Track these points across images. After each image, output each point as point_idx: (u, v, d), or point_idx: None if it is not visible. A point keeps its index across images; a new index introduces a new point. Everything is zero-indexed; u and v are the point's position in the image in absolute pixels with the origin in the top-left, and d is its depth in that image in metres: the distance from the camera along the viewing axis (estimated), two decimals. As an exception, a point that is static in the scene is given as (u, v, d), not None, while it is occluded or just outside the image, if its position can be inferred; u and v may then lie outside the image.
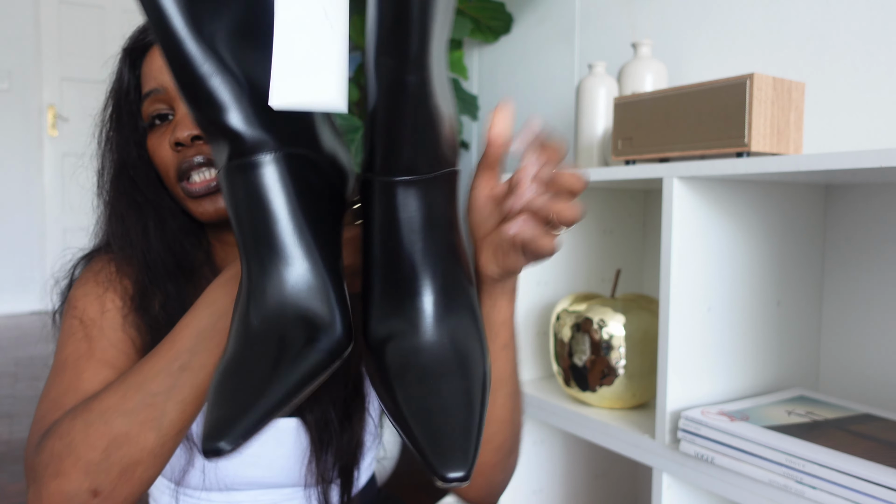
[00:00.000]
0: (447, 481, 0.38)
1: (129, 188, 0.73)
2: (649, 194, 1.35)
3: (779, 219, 1.00)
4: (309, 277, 0.43)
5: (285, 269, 0.43)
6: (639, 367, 1.03)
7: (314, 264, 0.43)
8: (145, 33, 0.72)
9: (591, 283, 1.30)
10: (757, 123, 0.85)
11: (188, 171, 0.68)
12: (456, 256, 0.47)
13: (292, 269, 0.43)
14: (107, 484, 0.54)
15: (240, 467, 0.74)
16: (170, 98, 0.69)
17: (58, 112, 4.35)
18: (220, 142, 0.43)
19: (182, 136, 0.66)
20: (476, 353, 0.45)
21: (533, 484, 1.28)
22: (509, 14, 1.76)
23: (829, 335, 1.06)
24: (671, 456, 0.90)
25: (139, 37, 0.72)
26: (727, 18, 1.22)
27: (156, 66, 0.70)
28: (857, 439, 0.78)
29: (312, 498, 0.79)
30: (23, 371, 3.09)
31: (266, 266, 0.43)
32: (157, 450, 0.55)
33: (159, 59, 0.69)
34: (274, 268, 0.43)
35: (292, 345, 0.41)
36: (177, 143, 0.67)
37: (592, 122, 1.20)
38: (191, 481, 0.74)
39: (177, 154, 0.68)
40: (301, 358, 0.41)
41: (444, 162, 0.45)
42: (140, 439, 0.54)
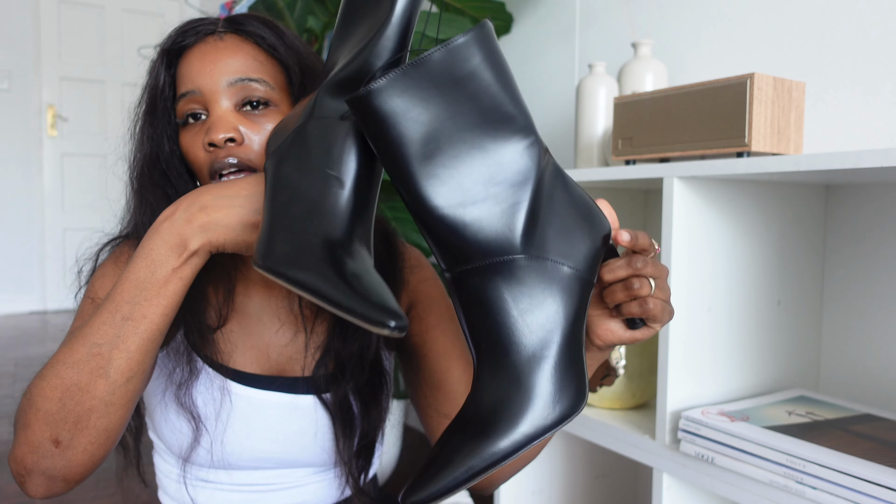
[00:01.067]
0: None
1: (161, 181, 0.76)
2: (649, 194, 1.35)
3: (779, 219, 1.00)
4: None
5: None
6: (639, 367, 1.03)
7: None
8: (184, 36, 0.75)
9: (591, 283, 1.30)
10: (757, 123, 0.85)
11: (220, 170, 0.71)
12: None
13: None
14: (65, 433, 0.58)
15: (258, 442, 0.75)
16: (205, 100, 0.72)
17: (57, 112, 4.35)
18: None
19: (216, 138, 0.69)
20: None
21: (533, 484, 1.28)
22: (509, 14, 1.76)
23: (829, 335, 1.06)
24: (671, 456, 0.90)
25: (177, 38, 0.75)
26: (727, 18, 1.22)
27: (193, 69, 0.73)
28: (857, 439, 0.78)
29: (330, 479, 0.80)
30: (22, 371, 3.09)
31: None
32: (108, 397, 0.58)
33: (196, 63, 0.73)
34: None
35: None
36: (210, 144, 0.70)
37: (592, 122, 1.20)
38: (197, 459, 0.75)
39: (209, 154, 0.71)
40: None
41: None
42: (90, 388, 0.58)
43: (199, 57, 0.73)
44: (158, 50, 0.76)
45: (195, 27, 0.75)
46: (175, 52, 0.75)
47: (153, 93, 0.76)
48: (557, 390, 0.48)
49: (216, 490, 0.78)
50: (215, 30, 0.75)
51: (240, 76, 0.72)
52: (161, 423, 0.76)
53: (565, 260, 0.51)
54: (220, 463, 0.76)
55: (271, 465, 0.77)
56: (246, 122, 0.71)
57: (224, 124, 0.70)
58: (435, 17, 1.65)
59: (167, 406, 0.74)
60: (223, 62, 0.72)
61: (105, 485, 1.93)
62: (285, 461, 0.77)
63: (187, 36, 0.74)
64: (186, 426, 0.74)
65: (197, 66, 0.72)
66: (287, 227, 0.51)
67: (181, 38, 0.75)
